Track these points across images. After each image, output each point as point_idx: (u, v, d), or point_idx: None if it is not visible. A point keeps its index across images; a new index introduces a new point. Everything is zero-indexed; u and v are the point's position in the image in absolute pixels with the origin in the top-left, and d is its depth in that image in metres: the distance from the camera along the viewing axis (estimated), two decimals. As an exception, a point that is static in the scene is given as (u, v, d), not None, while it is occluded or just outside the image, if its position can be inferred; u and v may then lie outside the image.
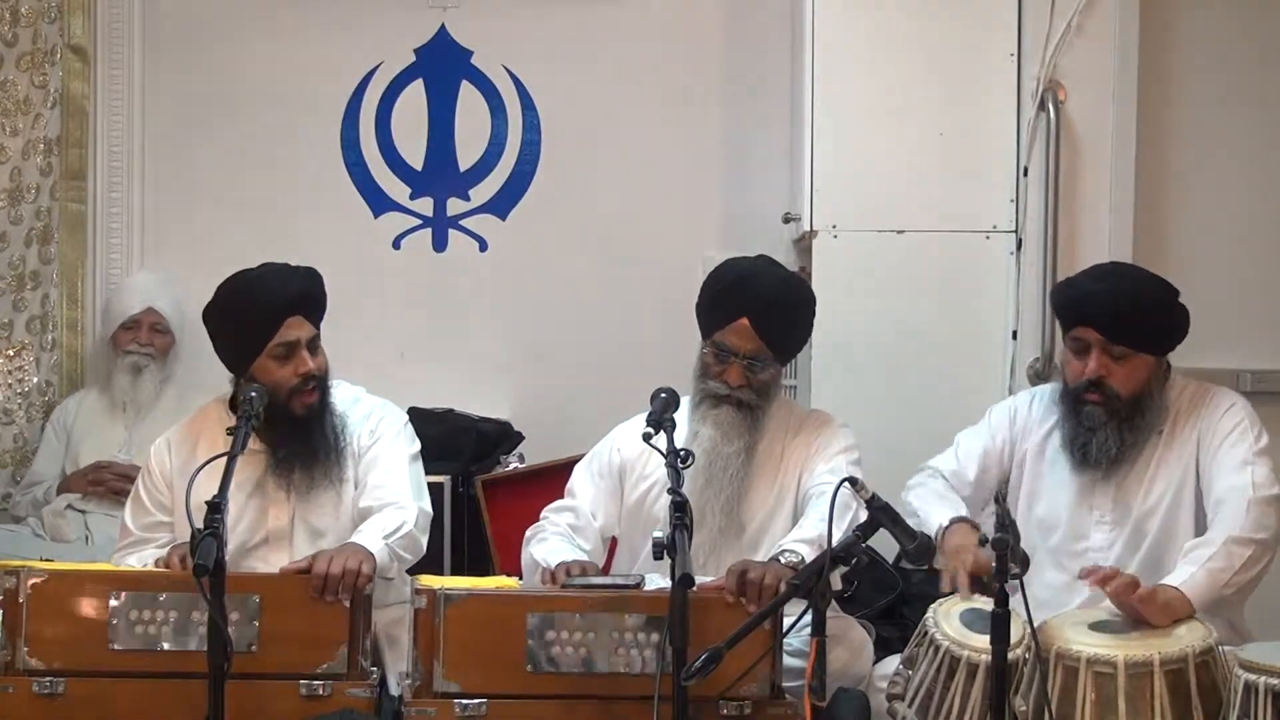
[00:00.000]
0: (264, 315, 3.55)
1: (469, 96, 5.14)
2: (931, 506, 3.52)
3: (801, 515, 3.55)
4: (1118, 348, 3.43)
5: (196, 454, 3.59)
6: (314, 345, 3.60)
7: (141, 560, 3.56)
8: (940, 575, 3.33)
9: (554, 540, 3.61)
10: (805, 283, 3.79)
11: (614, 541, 3.81)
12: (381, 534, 3.43)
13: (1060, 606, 3.37)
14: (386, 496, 3.58)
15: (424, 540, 3.60)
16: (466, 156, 5.15)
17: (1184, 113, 4.64)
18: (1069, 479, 3.53)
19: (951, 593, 3.27)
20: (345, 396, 3.72)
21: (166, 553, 3.49)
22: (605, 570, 3.76)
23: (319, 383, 3.59)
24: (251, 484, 3.58)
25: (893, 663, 3.36)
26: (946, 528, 3.43)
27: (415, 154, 5.15)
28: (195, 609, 3.18)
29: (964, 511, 3.50)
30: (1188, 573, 3.20)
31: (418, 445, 3.74)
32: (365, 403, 3.74)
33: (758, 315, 3.58)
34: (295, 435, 3.57)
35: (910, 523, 3.41)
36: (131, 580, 3.28)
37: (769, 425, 3.67)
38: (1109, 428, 3.45)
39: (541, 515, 3.74)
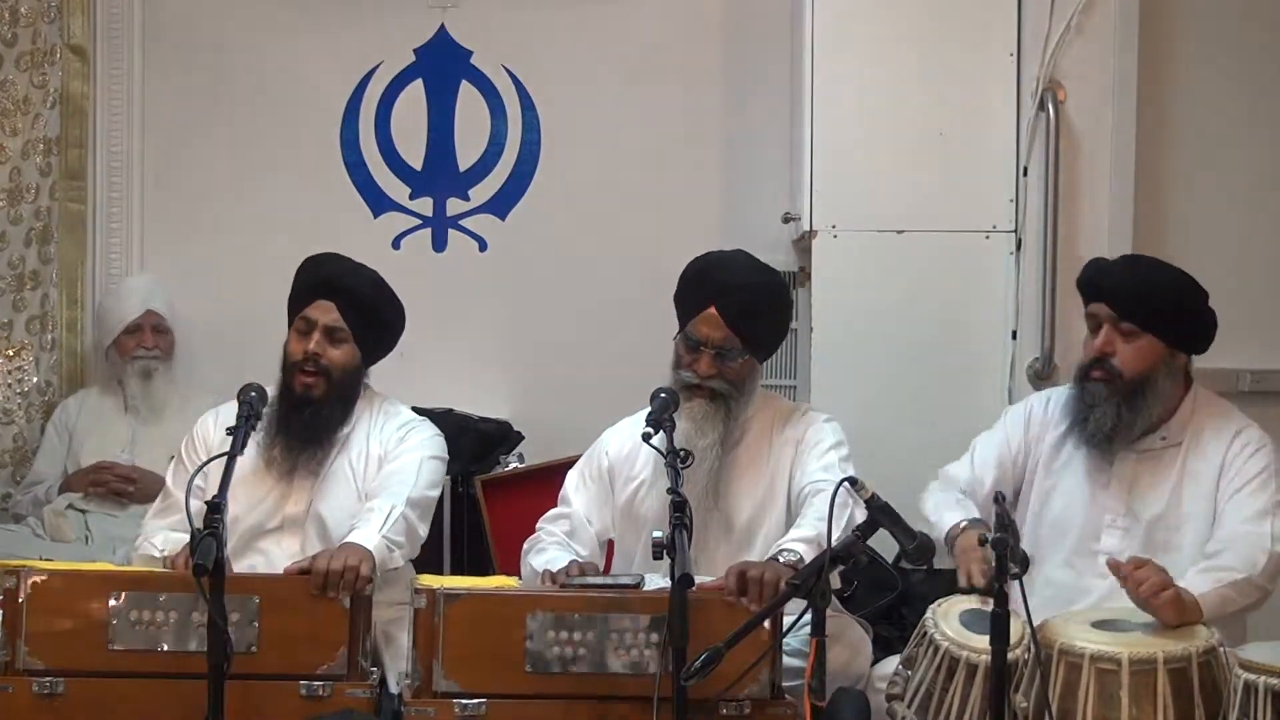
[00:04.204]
0: (302, 289, 3.72)
1: (469, 96, 5.14)
2: (944, 511, 3.51)
3: (797, 513, 3.55)
4: (1126, 324, 3.45)
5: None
6: (334, 334, 3.66)
7: (167, 540, 3.57)
8: (956, 572, 3.33)
9: (552, 550, 3.60)
10: (777, 273, 3.77)
11: (612, 546, 3.81)
12: (376, 529, 3.44)
13: (1065, 605, 3.38)
14: (388, 482, 3.60)
15: (418, 525, 3.59)
16: (466, 156, 5.15)
17: (1184, 112, 4.64)
18: (1083, 481, 3.54)
19: (969, 590, 3.27)
20: (389, 409, 3.78)
21: (176, 552, 3.49)
22: (604, 573, 3.77)
23: (323, 371, 3.63)
24: (278, 469, 3.63)
25: (892, 663, 3.36)
26: (963, 529, 3.42)
27: (415, 154, 5.16)
28: (195, 609, 3.17)
29: (974, 515, 3.49)
30: (1206, 587, 3.22)
31: (441, 453, 3.75)
32: (404, 416, 3.79)
33: (724, 302, 3.58)
34: (296, 418, 3.61)
35: (922, 529, 3.42)
36: (131, 580, 3.28)
37: (753, 419, 3.67)
38: (1108, 404, 3.46)
39: (537, 526, 3.73)
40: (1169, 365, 3.50)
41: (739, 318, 3.59)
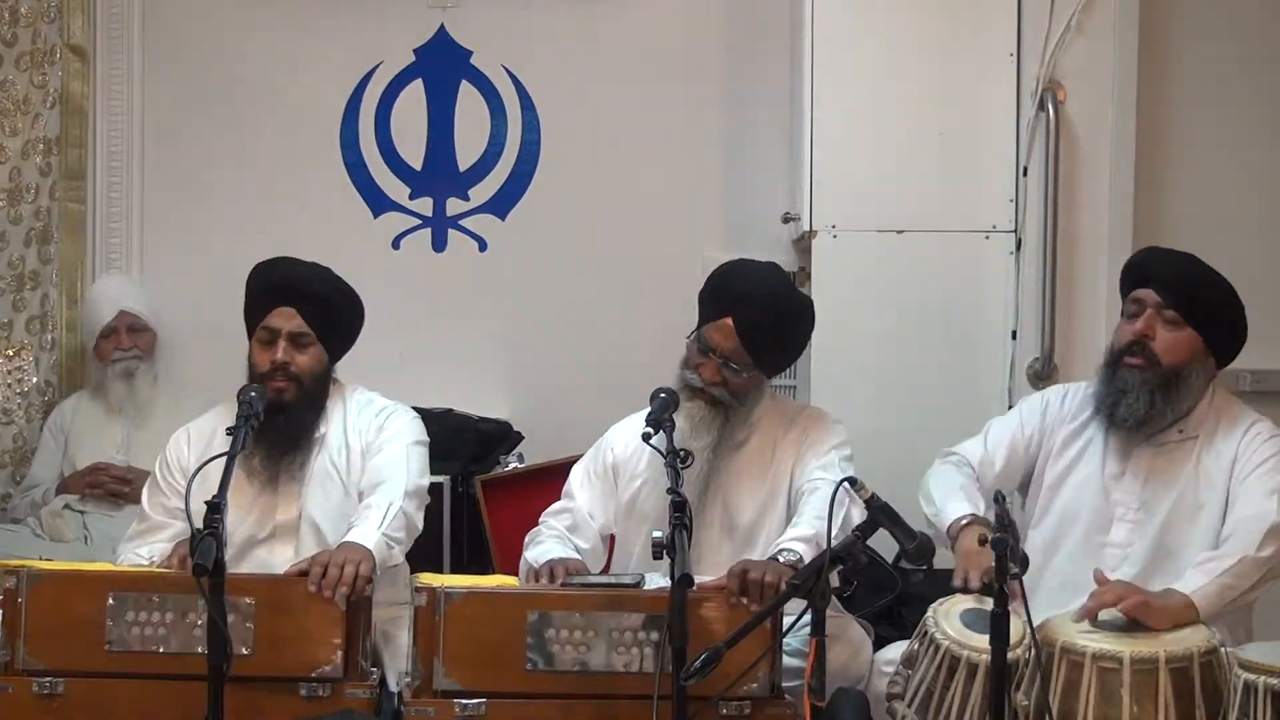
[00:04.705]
0: (257, 298, 3.65)
1: (468, 96, 5.14)
2: (948, 499, 3.48)
3: (795, 513, 3.55)
4: (1169, 311, 3.47)
5: (212, 448, 3.60)
6: (300, 340, 3.60)
7: (150, 551, 3.56)
8: (954, 573, 3.32)
9: (548, 543, 3.62)
10: (802, 299, 3.75)
11: (613, 541, 3.81)
12: (375, 526, 3.42)
13: (1073, 597, 3.36)
14: (381, 476, 3.58)
15: (416, 517, 3.58)
16: (466, 156, 5.15)
17: (1184, 113, 4.64)
18: (1097, 472, 3.54)
19: (964, 589, 3.26)
20: (360, 399, 3.75)
21: (170, 551, 3.49)
22: (604, 569, 3.77)
23: (293, 378, 3.59)
24: (260, 479, 3.59)
25: (896, 649, 3.37)
26: (963, 525, 3.42)
27: (415, 154, 5.15)
28: (194, 610, 3.17)
29: (980, 509, 3.47)
30: (1199, 582, 3.22)
31: (424, 437, 3.74)
32: (378, 403, 3.76)
33: (741, 316, 3.57)
34: (272, 425, 3.53)
35: (925, 509, 3.42)
36: (131, 581, 3.28)
37: (759, 422, 3.67)
38: (1141, 391, 3.45)
39: (540, 519, 3.74)
40: (1202, 365, 3.52)
41: (753, 333, 3.58)
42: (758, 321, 3.59)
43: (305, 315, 3.61)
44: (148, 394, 4.70)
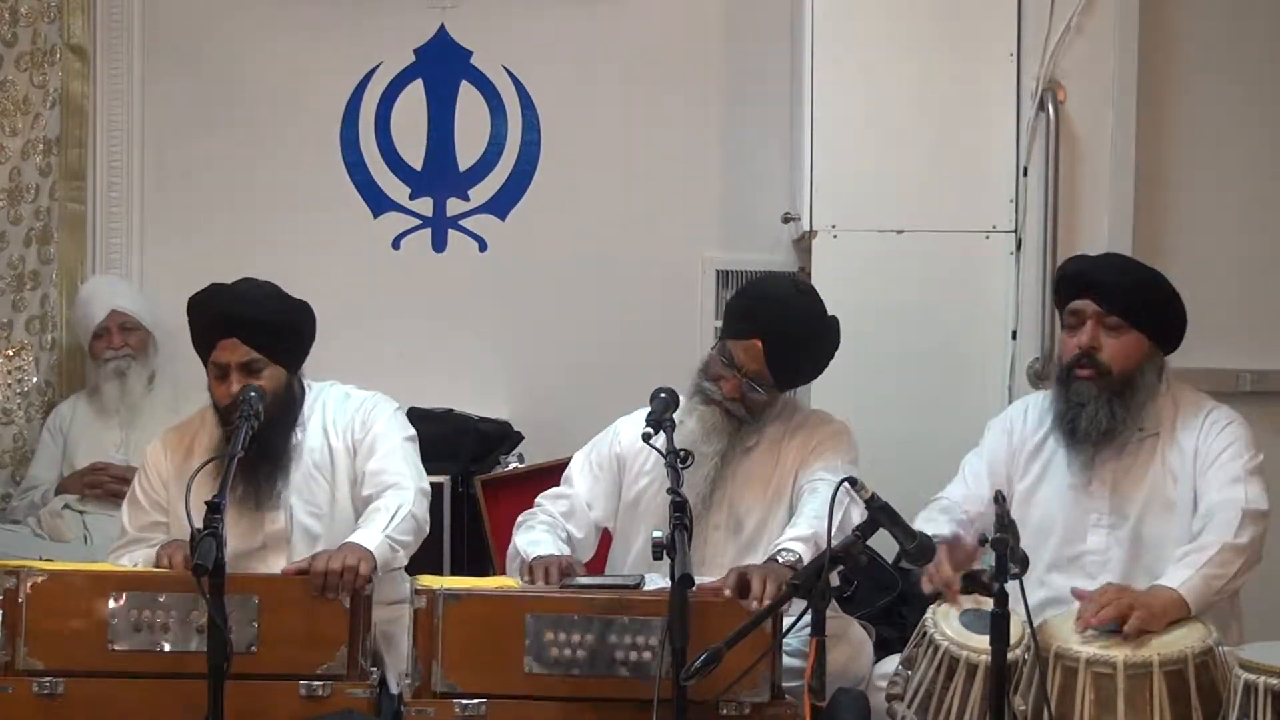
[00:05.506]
0: (200, 333, 3.59)
1: (469, 96, 5.14)
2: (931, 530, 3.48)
3: (795, 513, 3.55)
4: (1112, 318, 3.45)
5: (191, 456, 3.60)
6: (251, 367, 3.53)
7: (133, 560, 3.55)
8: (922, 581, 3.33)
9: (539, 530, 3.62)
10: (831, 325, 3.68)
11: (605, 534, 3.81)
12: (380, 528, 3.42)
13: (1057, 610, 3.37)
14: (386, 480, 3.57)
15: (425, 519, 3.58)
16: (466, 156, 5.15)
17: (1184, 113, 4.64)
18: (1064, 483, 3.53)
19: (933, 594, 3.27)
20: (335, 395, 3.73)
21: (156, 552, 3.48)
22: (599, 564, 3.77)
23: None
24: (242, 492, 3.54)
25: (892, 662, 3.36)
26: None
27: (415, 154, 5.15)
28: (195, 609, 3.18)
29: (946, 533, 3.44)
30: (1184, 575, 3.21)
31: (411, 430, 3.73)
32: (355, 398, 3.73)
33: (772, 341, 3.56)
34: (250, 452, 3.42)
35: None
36: (132, 580, 3.28)
37: (768, 428, 3.67)
38: (1099, 401, 3.44)
39: (536, 501, 3.75)
40: (1152, 362, 3.50)
41: (780, 358, 3.57)
42: (788, 349, 3.58)
43: (249, 342, 3.53)
44: (142, 393, 4.69)
